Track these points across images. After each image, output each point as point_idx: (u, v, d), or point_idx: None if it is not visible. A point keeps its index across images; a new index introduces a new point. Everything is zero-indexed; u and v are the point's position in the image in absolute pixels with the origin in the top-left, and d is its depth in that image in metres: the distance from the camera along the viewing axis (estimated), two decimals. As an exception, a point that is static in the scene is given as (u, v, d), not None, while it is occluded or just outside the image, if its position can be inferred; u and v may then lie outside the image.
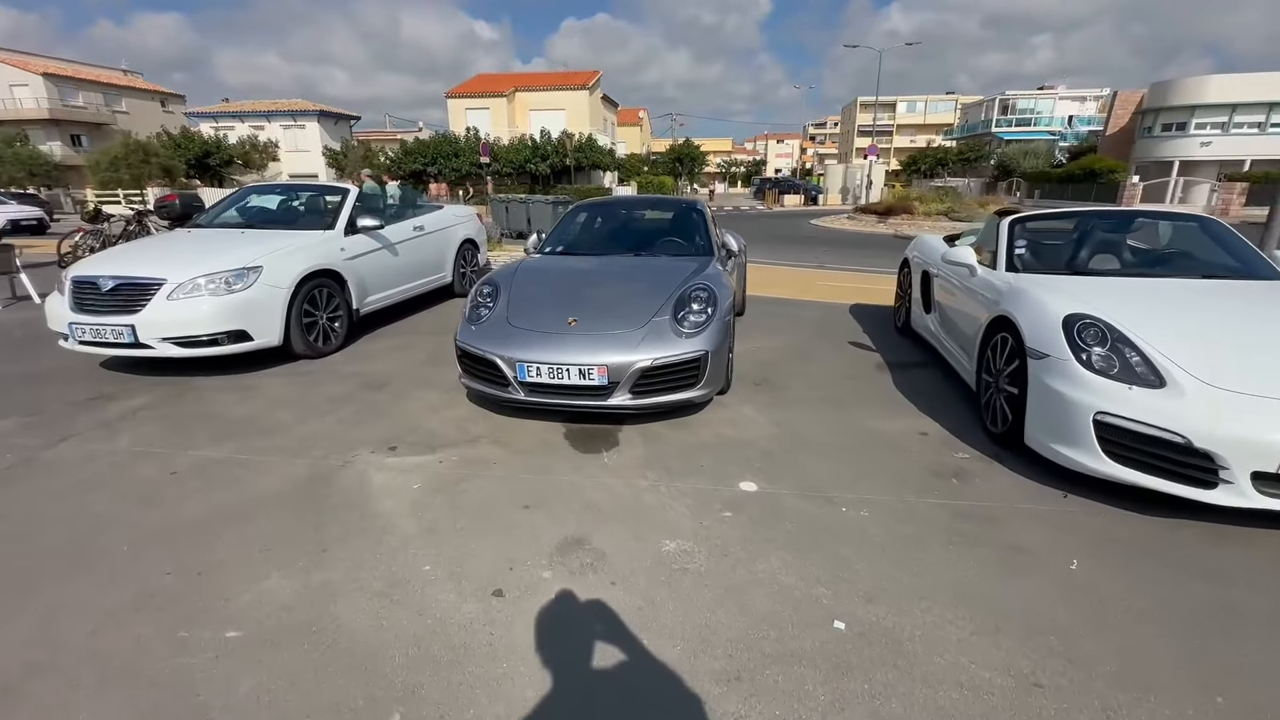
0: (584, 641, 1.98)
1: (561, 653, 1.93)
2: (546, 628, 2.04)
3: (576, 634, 2.01)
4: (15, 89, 37.53)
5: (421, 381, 4.50)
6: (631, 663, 1.89)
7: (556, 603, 2.16)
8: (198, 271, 4.34)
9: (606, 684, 1.82)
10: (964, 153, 46.03)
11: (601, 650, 1.94)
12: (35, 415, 3.86)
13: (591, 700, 1.76)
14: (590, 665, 1.89)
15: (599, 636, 2.00)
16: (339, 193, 5.86)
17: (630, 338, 3.47)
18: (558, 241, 4.97)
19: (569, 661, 1.90)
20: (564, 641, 1.98)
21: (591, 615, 2.10)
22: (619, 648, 1.95)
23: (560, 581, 2.27)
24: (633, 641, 1.97)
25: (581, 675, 1.85)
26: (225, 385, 4.41)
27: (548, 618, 2.08)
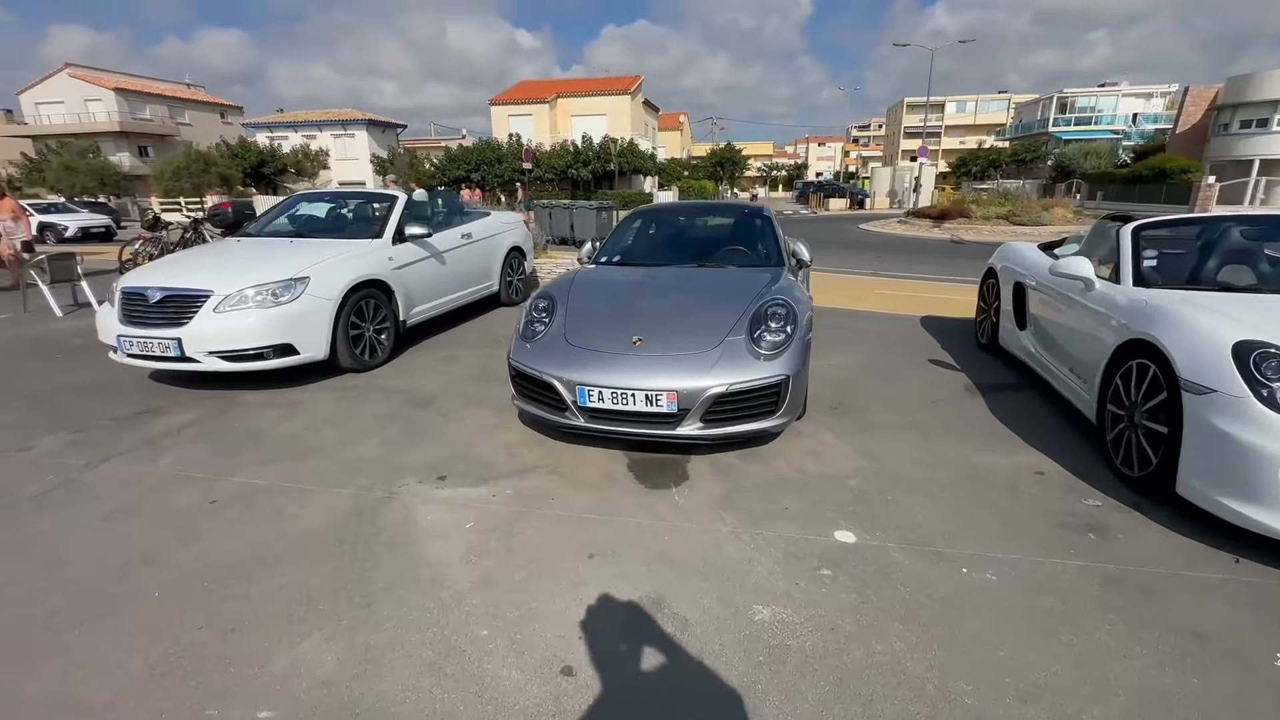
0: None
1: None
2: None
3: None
4: (89, 103, 39.64)
5: (469, 399, 4.24)
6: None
7: (636, 686, 1.82)
8: (244, 283, 4.18)
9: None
10: (1019, 154, 44.09)
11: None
12: (81, 431, 3.74)
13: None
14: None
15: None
16: (387, 200, 5.69)
17: (702, 360, 3.11)
18: (614, 251, 4.66)
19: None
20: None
21: (680, 705, 1.75)
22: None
23: (639, 657, 1.93)
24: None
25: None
26: (269, 401, 4.24)
27: (628, 708, 1.74)
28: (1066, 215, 18.33)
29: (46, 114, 40.24)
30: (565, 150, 31.37)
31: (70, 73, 40.10)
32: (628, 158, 31.03)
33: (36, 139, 38.30)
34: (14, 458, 3.39)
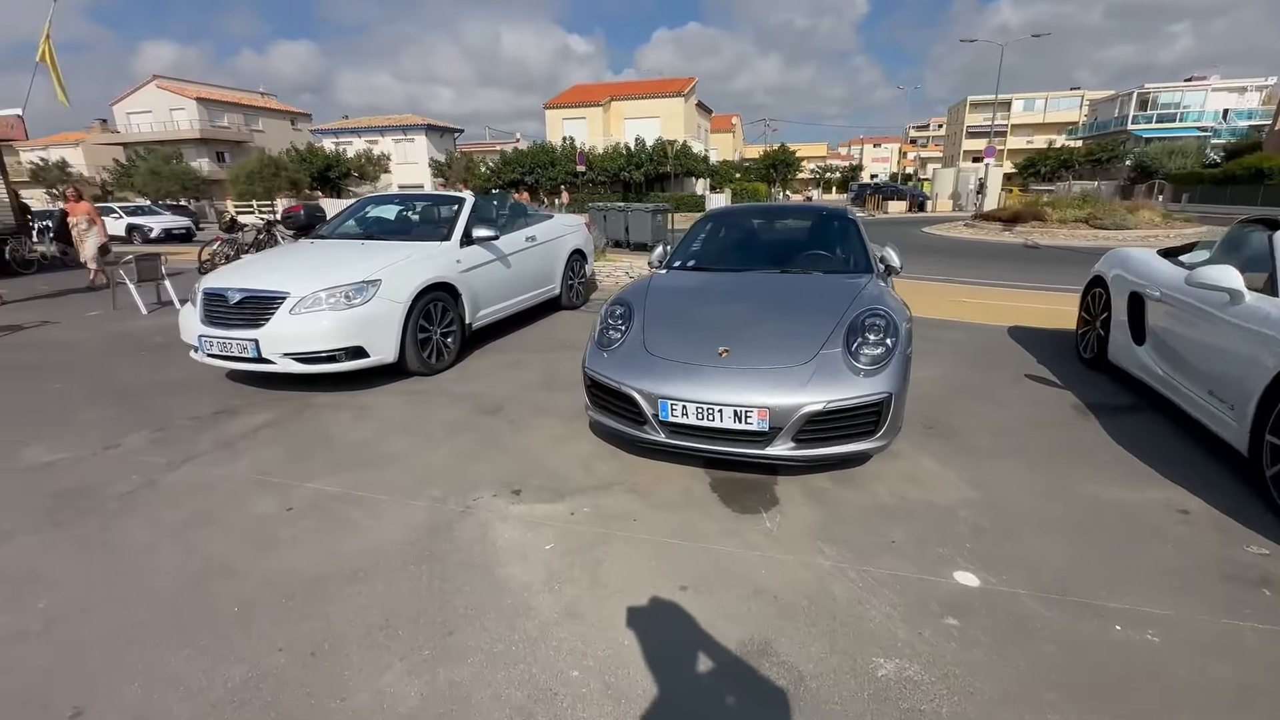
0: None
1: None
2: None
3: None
4: (174, 112, 42.26)
5: (538, 407, 4.11)
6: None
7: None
8: (319, 285, 4.18)
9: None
10: (1094, 153, 41.69)
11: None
12: (164, 430, 3.79)
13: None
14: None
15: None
16: (455, 202, 5.67)
17: (795, 374, 2.87)
18: (688, 255, 4.46)
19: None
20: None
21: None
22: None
23: (750, 713, 1.71)
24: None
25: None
26: (340, 403, 4.23)
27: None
28: (1154, 218, 17.04)
29: (136, 123, 43.10)
30: (618, 153, 31.43)
31: (158, 84, 42.83)
32: (681, 160, 30.84)
33: (127, 146, 41.03)
34: (104, 455, 3.44)
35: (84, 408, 4.23)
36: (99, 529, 2.69)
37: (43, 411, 4.18)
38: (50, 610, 2.17)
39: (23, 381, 4.86)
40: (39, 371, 5.14)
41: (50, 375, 5.02)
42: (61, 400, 4.40)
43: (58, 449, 3.53)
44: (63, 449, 3.53)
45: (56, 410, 4.20)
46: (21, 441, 3.65)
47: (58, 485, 3.10)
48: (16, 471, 3.27)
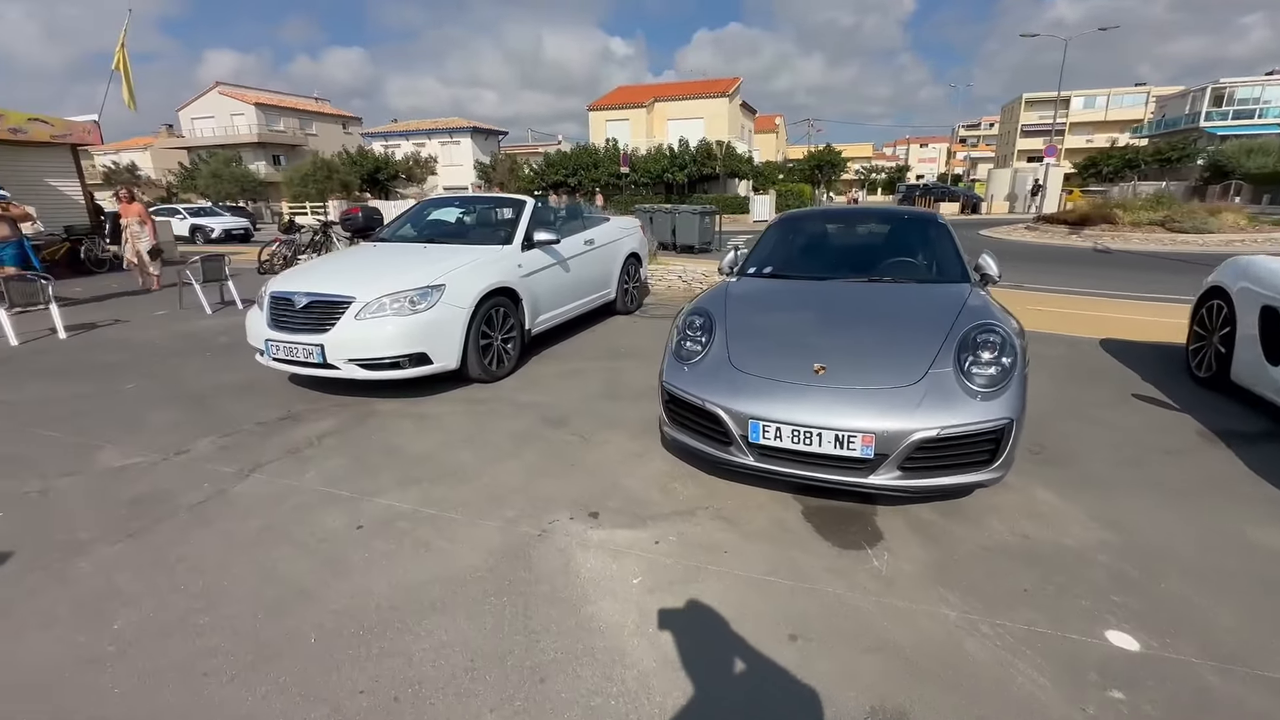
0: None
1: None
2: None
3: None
4: (234, 117, 44.03)
5: (605, 419, 3.93)
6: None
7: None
8: (383, 290, 4.10)
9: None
10: (1163, 152, 39.43)
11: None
12: (230, 435, 3.76)
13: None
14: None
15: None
16: (516, 205, 5.55)
17: (903, 396, 2.60)
18: (763, 261, 4.21)
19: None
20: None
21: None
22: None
23: (896, 804, 1.47)
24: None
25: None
26: (402, 411, 4.14)
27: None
28: (1238, 221, 15.86)
29: (199, 128, 45.09)
30: (661, 154, 31.24)
31: (220, 91, 44.69)
32: (725, 161, 30.46)
33: (190, 150, 42.96)
34: (174, 461, 3.41)
35: (154, 409, 4.25)
36: (173, 542, 2.62)
37: (116, 412, 4.22)
38: (125, 632, 2.08)
39: (99, 381, 4.95)
40: (113, 371, 5.23)
41: (123, 375, 5.10)
42: (134, 401, 4.44)
43: (131, 453, 3.52)
44: (136, 453, 3.52)
45: (129, 412, 4.22)
46: (97, 444, 3.66)
47: (132, 491, 3.06)
48: (94, 475, 3.26)
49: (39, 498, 3.02)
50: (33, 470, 3.31)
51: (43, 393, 4.66)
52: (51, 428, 3.93)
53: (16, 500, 2.99)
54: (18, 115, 11.18)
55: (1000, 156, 73.24)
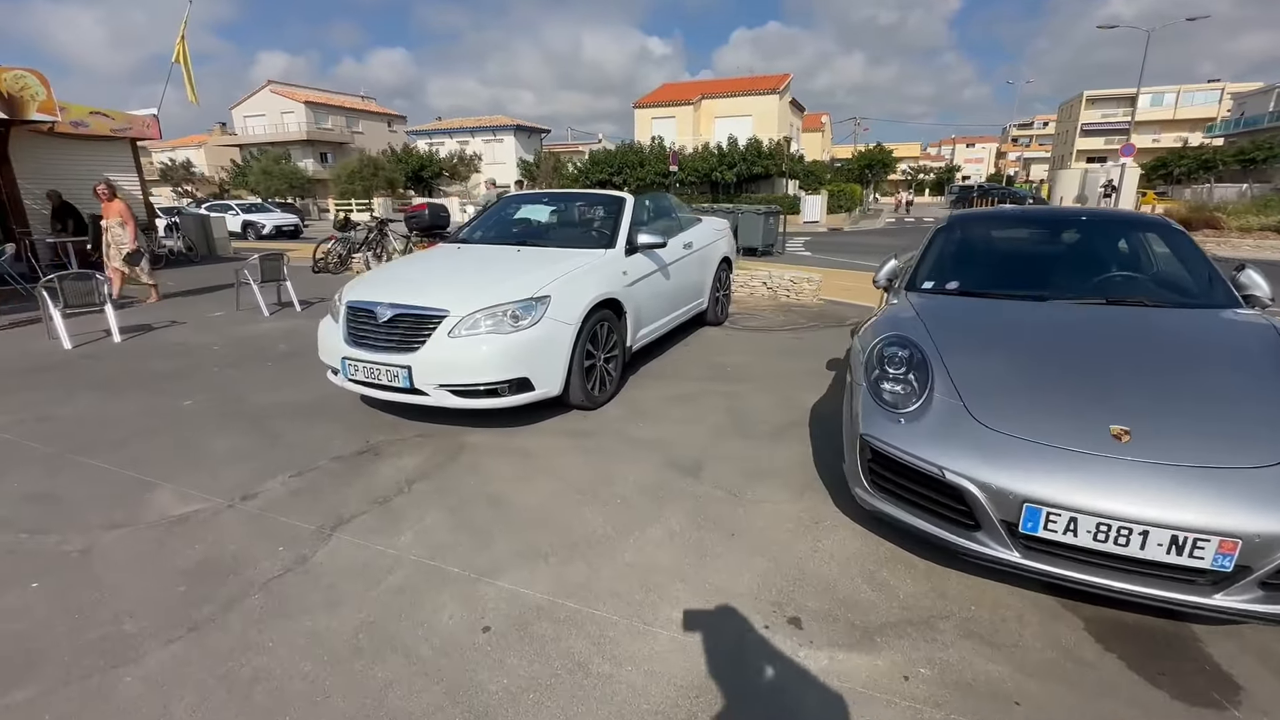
0: None
1: None
2: None
3: None
4: (285, 115, 44.79)
5: (747, 467, 3.20)
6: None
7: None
8: (481, 303, 3.44)
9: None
10: (1246, 152, 36.77)
11: None
12: (303, 475, 3.14)
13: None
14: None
15: None
16: (614, 203, 4.86)
17: (1265, 481, 1.80)
18: (943, 274, 3.42)
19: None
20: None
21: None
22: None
23: None
24: None
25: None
26: (498, 444, 3.48)
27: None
28: (1365, 227, 14.29)
29: (251, 126, 46.03)
30: (709, 153, 30.37)
31: (272, 89, 45.54)
32: (776, 160, 29.42)
33: (242, 147, 43.86)
34: (241, 510, 2.80)
35: (215, 434, 3.68)
36: (246, 645, 1.98)
37: (172, 436, 3.66)
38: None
39: (154, 395, 4.43)
40: (169, 382, 4.72)
41: (179, 387, 4.58)
42: (191, 422, 3.89)
43: (190, 496, 2.93)
44: (196, 496, 2.93)
45: (186, 436, 3.67)
46: (150, 481, 3.08)
47: (192, 555, 2.45)
48: (146, 528, 2.66)
49: (80, 560, 2.43)
50: (75, 518, 2.74)
51: (93, 408, 4.16)
52: (100, 455, 3.39)
53: (54, 563, 2.41)
54: (79, 108, 11.02)
55: (1057, 157, 70.09)
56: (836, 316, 6.96)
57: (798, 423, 3.81)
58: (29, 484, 3.07)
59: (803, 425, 3.78)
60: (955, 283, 3.30)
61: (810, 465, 3.23)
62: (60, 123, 10.38)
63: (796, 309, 7.41)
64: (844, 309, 7.42)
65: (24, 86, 9.54)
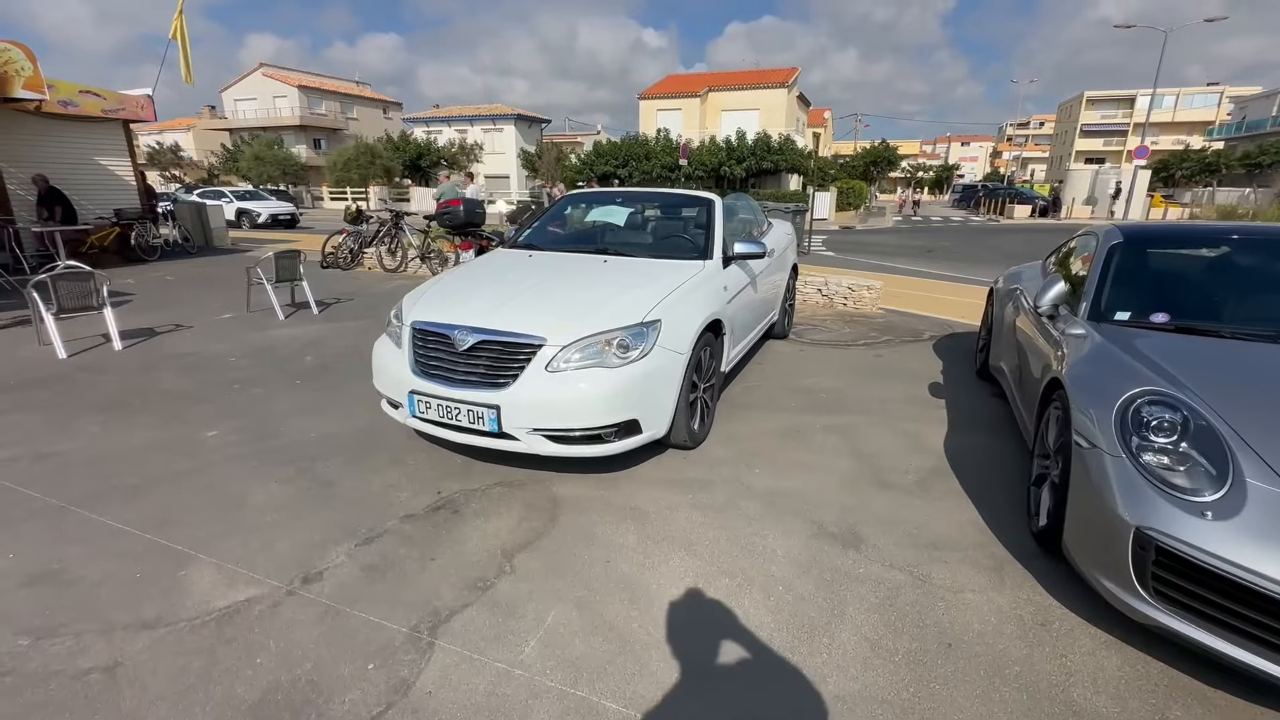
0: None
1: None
2: None
3: None
4: (277, 99, 43.46)
5: (914, 535, 2.64)
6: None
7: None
8: (585, 329, 2.84)
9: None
10: (1252, 156, 36.65)
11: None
12: (371, 543, 2.54)
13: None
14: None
15: None
16: (700, 205, 4.27)
17: None
18: (1143, 303, 2.84)
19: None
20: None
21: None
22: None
23: None
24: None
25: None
26: (599, 500, 2.89)
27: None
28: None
29: (242, 109, 44.65)
30: (717, 147, 29.70)
31: (264, 72, 44.18)
32: (785, 154, 28.82)
33: (233, 131, 42.57)
34: (303, 598, 2.19)
35: (249, 479, 3.06)
36: None
37: (199, 481, 3.04)
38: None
39: (167, 420, 3.79)
40: (183, 404, 4.08)
41: (197, 410, 3.95)
42: (218, 460, 3.26)
43: (236, 574, 2.32)
44: (242, 574, 2.32)
45: (216, 482, 3.04)
46: (182, 550, 2.46)
47: (255, 680, 1.85)
48: (187, 630, 2.05)
49: (104, 683, 1.82)
50: (92, 612, 2.12)
51: (100, 440, 3.52)
52: (114, 508, 2.76)
53: (70, 691, 1.80)
54: (68, 86, 10.19)
55: (1056, 157, 70.09)
56: (908, 330, 6.42)
57: (939, 470, 3.26)
58: (30, 555, 2.45)
59: (946, 473, 3.22)
60: (1163, 315, 2.73)
61: (984, 530, 2.68)
62: (48, 101, 9.58)
63: (860, 320, 6.85)
64: (912, 320, 6.88)
65: (8, 61, 8.74)
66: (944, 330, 6.43)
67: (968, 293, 8.92)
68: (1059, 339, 2.88)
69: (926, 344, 5.90)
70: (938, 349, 5.72)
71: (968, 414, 4.07)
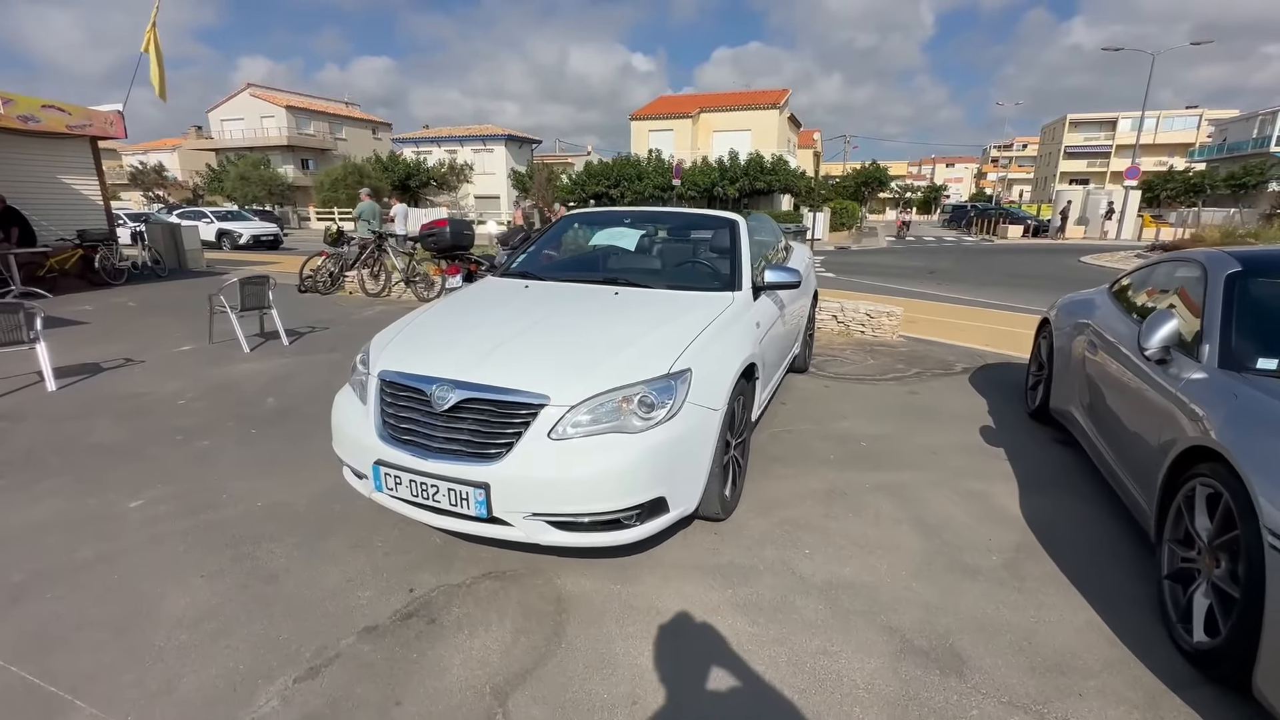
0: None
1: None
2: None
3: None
4: (264, 119, 42.98)
5: (1024, 648, 2.04)
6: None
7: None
8: (597, 384, 2.24)
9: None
10: (1236, 177, 37.06)
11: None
12: (312, 667, 1.90)
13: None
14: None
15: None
16: (722, 226, 3.71)
17: None
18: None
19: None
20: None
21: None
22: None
23: None
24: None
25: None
26: (615, 601, 2.27)
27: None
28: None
29: (229, 129, 44.10)
30: (710, 167, 29.50)
31: (251, 93, 43.76)
32: (778, 175, 28.65)
33: (219, 151, 41.96)
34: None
35: (172, 576, 2.42)
36: None
37: (107, 574, 2.39)
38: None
39: (89, 486, 3.14)
40: (113, 465, 3.42)
41: (127, 474, 3.29)
42: (137, 544, 2.61)
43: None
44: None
45: (129, 579, 2.39)
46: (58, 694, 1.81)
47: None
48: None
49: None
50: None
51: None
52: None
53: None
54: (29, 101, 9.57)
55: (1040, 178, 71.03)
56: (937, 361, 5.88)
57: (1027, 548, 2.67)
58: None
59: (1037, 552, 2.64)
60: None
61: (1113, 641, 2.09)
62: (4, 116, 8.96)
63: (882, 350, 6.31)
64: (937, 350, 6.35)
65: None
66: (975, 361, 5.90)
67: (987, 317, 8.44)
68: (1181, 392, 2.32)
69: (960, 377, 5.35)
70: (975, 383, 5.18)
71: (1036, 468, 3.50)
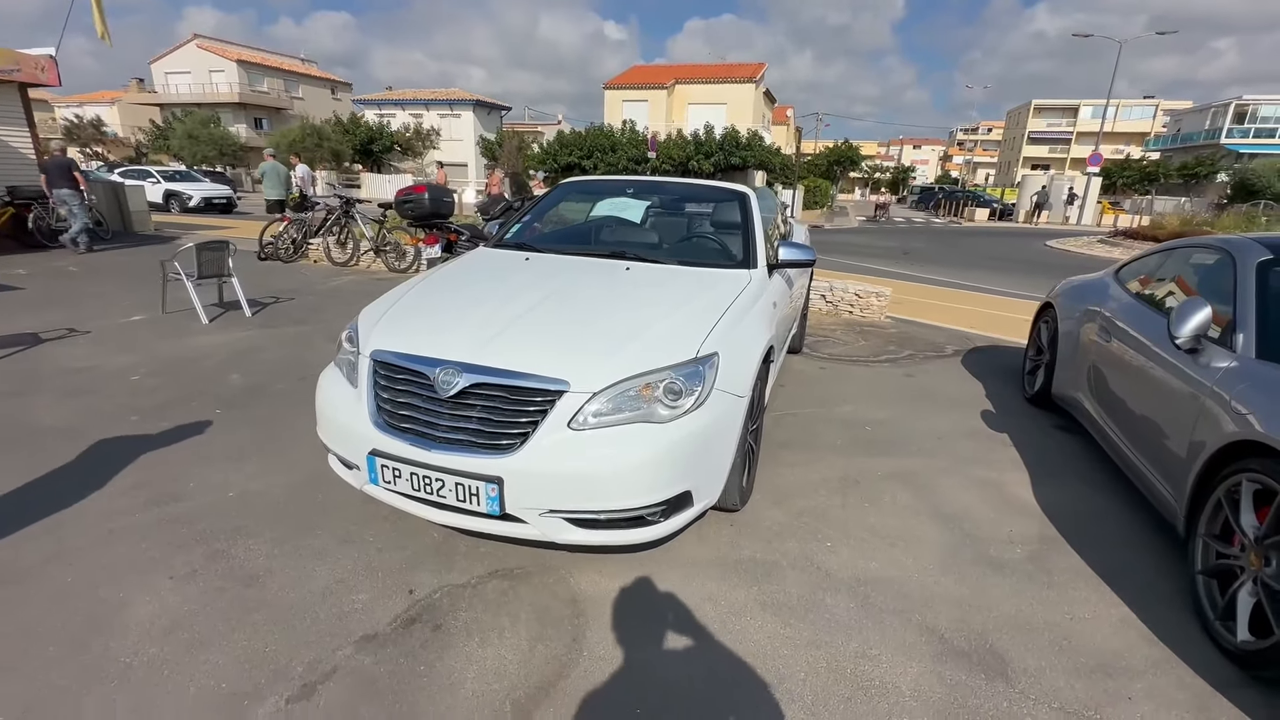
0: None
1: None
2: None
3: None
4: (213, 74, 40.43)
5: (1065, 646, 1.97)
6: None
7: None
8: (622, 369, 2.04)
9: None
10: (1189, 167, 38.40)
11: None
12: (305, 684, 1.70)
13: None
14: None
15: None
16: (732, 200, 3.50)
17: None
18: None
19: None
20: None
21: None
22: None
23: None
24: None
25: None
26: (632, 601, 2.12)
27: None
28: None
29: (174, 83, 41.41)
30: (685, 140, 29.02)
31: (198, 44, 41.04)
32: (753, 150, 28.39)
33: (164, 107, 39.38)
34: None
35: (136, 578, 2.15)
36: None
37: (59, 575, 2.11)
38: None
39: (33, 469, 2.80)
40: (58, 445, 3.07)
41: (74, 463, 2.96)
42: (96, 541, 2.33)
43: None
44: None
45: (85, 581, 2.12)
46: None
47: None
48: None
49: None
50: None
51: (-80, 507, 2.51)
52: (-89, 638, 1.82)
53: None
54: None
55: (1004, 163, 72.46)
56: (927, 343, 5.84)
57: (1050, 540, 2.61)
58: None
59: (1059, 545, 2.58)
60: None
61: (1151, 639, 2.03)
62: (-83, 55, 8.05)
63: (871, 331, 6.25)
64: (926, 332, 6.32)
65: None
66: (964, 343, 5.89)
67: (970, 299, 8.48)
68: (1217, 384, 2.26)
69: (953, 360, 5.33)
70: (968, 366, 5.16)
71: (1043, 455, 3.46)
